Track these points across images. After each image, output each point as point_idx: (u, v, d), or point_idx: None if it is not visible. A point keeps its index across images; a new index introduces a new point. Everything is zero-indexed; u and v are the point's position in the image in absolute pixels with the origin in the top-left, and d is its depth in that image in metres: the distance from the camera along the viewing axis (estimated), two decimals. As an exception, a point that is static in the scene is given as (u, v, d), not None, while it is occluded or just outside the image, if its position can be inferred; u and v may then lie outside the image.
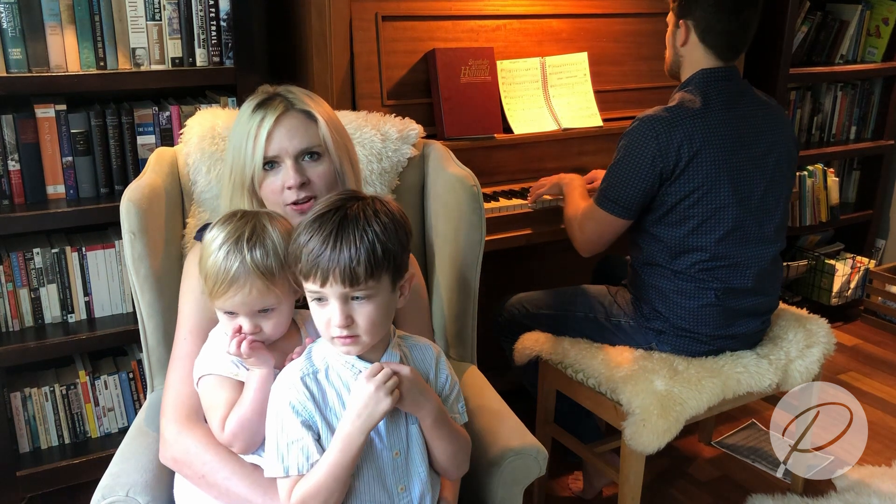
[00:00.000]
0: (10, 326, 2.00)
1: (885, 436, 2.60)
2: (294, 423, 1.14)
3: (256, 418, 1.21)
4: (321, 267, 1.08)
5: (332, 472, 1.11)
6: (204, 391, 1.27)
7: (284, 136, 1.32)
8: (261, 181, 1.34)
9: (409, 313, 1.46)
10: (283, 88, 1.37)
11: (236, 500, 1.23)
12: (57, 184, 2.00)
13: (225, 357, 1.26)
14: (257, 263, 1.20)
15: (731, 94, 1.90)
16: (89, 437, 2.15)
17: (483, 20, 2.32)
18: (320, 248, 1.09)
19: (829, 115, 3.33)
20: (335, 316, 1.10)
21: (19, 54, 1.86)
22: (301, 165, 1.33)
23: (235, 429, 1.22)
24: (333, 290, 1.09)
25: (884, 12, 3.23)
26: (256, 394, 1.21)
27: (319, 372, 1.17)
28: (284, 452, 1.13)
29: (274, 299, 1.23)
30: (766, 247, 1.93)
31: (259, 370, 1.22)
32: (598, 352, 1.97)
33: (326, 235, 1.09)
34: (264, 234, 1.22)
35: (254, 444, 1.25)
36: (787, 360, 1.98)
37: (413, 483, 1.21)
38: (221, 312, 1.25)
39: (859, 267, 3.35)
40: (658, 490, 2.31)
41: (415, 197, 1.81)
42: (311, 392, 1.15)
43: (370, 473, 1.18)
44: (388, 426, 1.18)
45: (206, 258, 1.22)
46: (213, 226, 1.26)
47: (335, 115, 1.42)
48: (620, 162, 1.88)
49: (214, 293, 1.21)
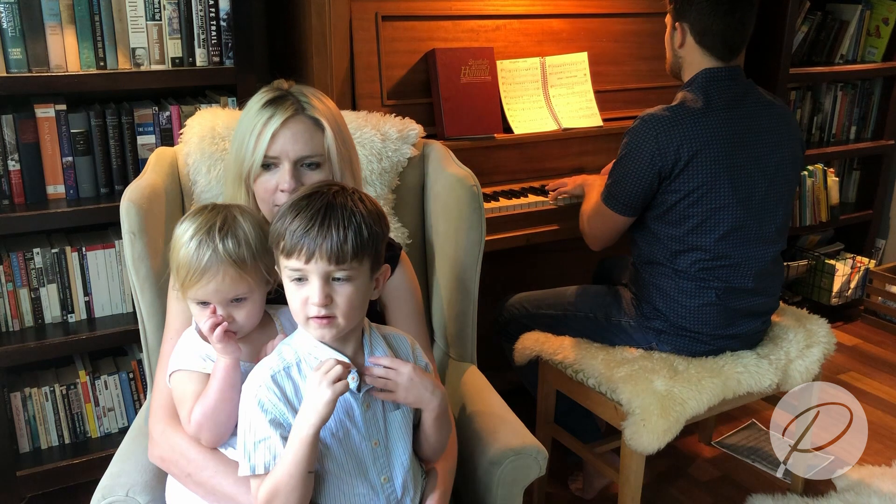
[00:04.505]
0: (10, 326, 2.01)
1: (885, 436, 2.60)
2: (262, 421, 1.13)
3: (221, 407, 1.21)
4: (307, 243, 1.09)
5: (289, 469, 1.10)
6: (174, 386, 1.28)
7: (289, 139, 1.32)
8: (256, 177, 1.34)
9: (401, 310, 1.46)
10: (296, 89, 1.36)
11: (222, 497, 1.23)
12: (57, 184, 2.00)
13: (195, 352, 1.26)
14: (229, 252, 1.20)
15: (734, 94, 1.90)
16: (89, 437, 2.15)
17: (483, 20, 2.32)
18: (307, 224, 1.10)
19: (829, 115, 3.33)
20: (314, 294, 1.10)
21: (19, 54, 1.86)
22: (298, 171, 1.33)
23: (200, 419, 1.22)
24: (317, 266, 1.10)
25: (884, 12, 3.23)
26: (220, 383, 1.21)
27: (291, 367, 1.17)
28: (251, 451, 1.13)
29: (246, 288, 1.23)
30: (767, 247, 1.93)
31: (224, 359, 1.22)
32: (598, 352, 1.97)
33: (314, 213, 1.10)
34: (235, 225, 1.23)
35: (220, 435, 1.24)
36: (787, 360, 1.98)
37: (395, 472, 1.21)
38: (194, 303, 1.25)
39: (859, 267, 3.35)
40: (658, 490, 2.31)
41: (415, 197, 1.81)
42: (282, 389, 1.15)
43: (351, 465, 1.17)
44: (365, 416, 1.18)
45: (177, 250, 1.23)
46: (183, 219, 1.26)
47: (342, 121, 1.41)
48: (622, 160, 1.89)
49: (187, 283, 1.22)
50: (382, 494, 1.20)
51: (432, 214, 1.77)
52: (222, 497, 1.23)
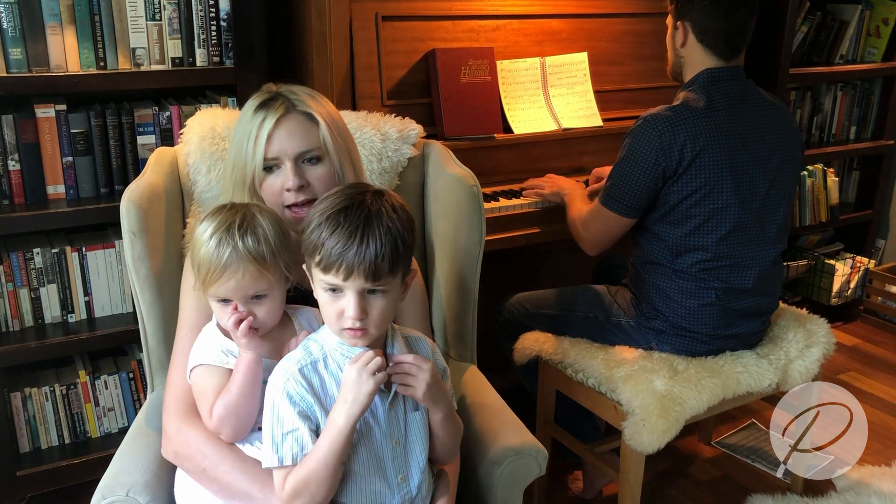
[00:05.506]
0: (10, 326, 2.00)
1: (885, 436, 2.60)
2: (290, 413, 1.14)
3: (243, 402, 1.22)
4: (346, 262, 1.09)
5: (323, 459, 1.11)
6: (195, 381, 1.29)
7: (285, 138, 1.33)
8: (261, 181, 1.35)
9: (411, 312, 1.47)
10: (285, 88, 1.37)
11: (236, 493, 1.24)
12: (57, 184, 2.00)
13: (216, 348, 1.27)
14: (249, 249, 1.22)
15: (735, 94, 1.90)
16: (89, 437, 2.15)
17: (483, 20, 2.32)
18: (346, 242, 1.10)
19: (828, 115, 3.33)
20: (350, 308, 1.11)
21: (19, 54, 1.86)
22: (300, 168, 1.34)
23: (222, 413, 1.23)
24: (355, 284, 1.11)
25: (884, 12, 3.23)
26: (244, 378, 1.22)
27: (318, 362, 1.18)
28: (279, 443, 1.14)
29: (266, 285, 1.24)
30: (767, 247, 1.93)
31: (247, 355, 1.23)
32: (598, 352, 1.97)
33: (353, 230, 1.10)
34: (255, 223, 1.25)
35: (241, 431, 1.25)
36: (787, 360, 1.98)
37: (412, 472, 1.22)
38: (215, 301, 1.26)
39: (859, 267, 3.35)
40: (658, 490, 2.31)
41: (415, 197, 1.81)
42: (309, 382, 1.16)
43: (370, 463, 1.18)
44: (388, 415, 1.19)
45: (197, 248, 1.24)
46: (203, 218, 1.27)
47: (337, 115, 1.42)
48: (624, 161, 1.89)
49: (208, 280, 1.23)
50: (398, 493, 1.21)
51: (432, 214, 1.77)
52: (237, 493, 1.24)
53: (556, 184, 2.23)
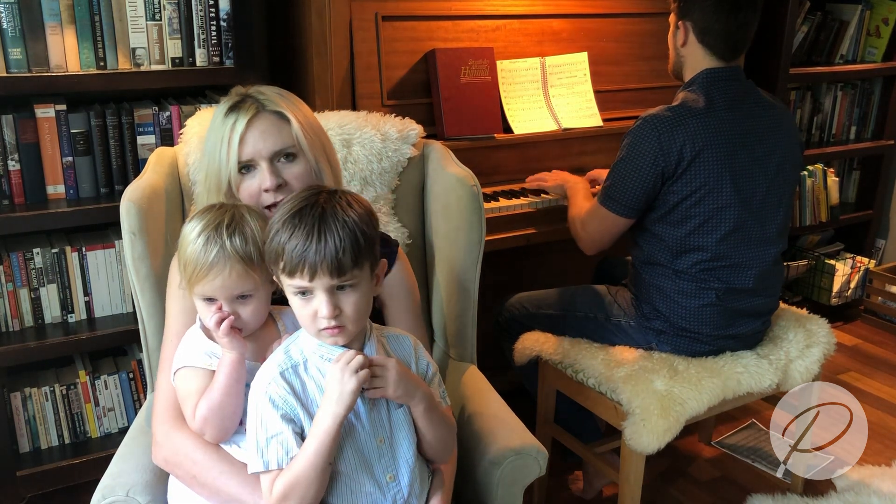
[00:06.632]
0: (10, 326, 2.01)
1: (885, 436, 2.60)
2: (273, 417, 1.14)
3: (226, 401, 1.22)
4: (308, 261, 1.10)
5: (310, 461, 1.11)
6: (179, 383, 1.28)
7: (258, 138, 1.32)
8: (238, 185, 1.34)
9: (398, 305, 1.46)
10: (254, 90, 1.37)
11: (227, 498, 1.23)
12: (57, 184, 2.00)
13: (199, 350, 1.27)
14: (237, 249, 1.22)
15: (735, 95, 1.90)
16: (89, 437, 2.15)
17: (483, 20, 2.32)
18: (305, 242, 1.10)
19: (829, 115, 3.33)
20: (322, 307, 1.11)
21: (19, 54, 1.86)
22: (276, 167, 1.34)
23: (205, 413, 1.23)
24: (321, 282, 1.11)
25: (884, 12, 3.23)
26: (226, 378, 1.22)
27: (299, 366, 1.18)
28: (264, 447, 1.14)
29: (252, 285, 1.24)
30: (767, 247, 1.93)
31: (230, 354, 1.23)
32: (598, 352, 1.97)
33: (309, 230, 1.10)
34: (243, 223, 1.24)
35: (224, 431, 1.25)
36: (787, 360, 1.98)
37: (401, 471, 1.21)
38: (200, 300, 1.25)
39: (859, 267, 3.35)
40: (658, 490, 2.31)
41: (415, 197, 1.81)
42: (291, 386, 1.16)
43: (357, 462, 1.18)
44: (370, 414, 1.19)
45: (185, 247, 1.24)
46: (190, 218, 1.27)
47: (310, 113, 1.41)
48: (623, 161, 1.88)
49: (194, 279, 1.22)
50: (389, 493, 1.20)
51: (432, 214, 1.77)
52: (227, 498, 1.23)
53: (560, 176, 2.23)
